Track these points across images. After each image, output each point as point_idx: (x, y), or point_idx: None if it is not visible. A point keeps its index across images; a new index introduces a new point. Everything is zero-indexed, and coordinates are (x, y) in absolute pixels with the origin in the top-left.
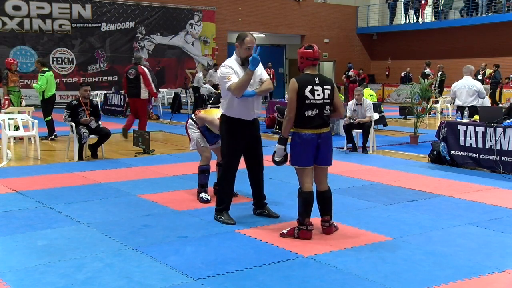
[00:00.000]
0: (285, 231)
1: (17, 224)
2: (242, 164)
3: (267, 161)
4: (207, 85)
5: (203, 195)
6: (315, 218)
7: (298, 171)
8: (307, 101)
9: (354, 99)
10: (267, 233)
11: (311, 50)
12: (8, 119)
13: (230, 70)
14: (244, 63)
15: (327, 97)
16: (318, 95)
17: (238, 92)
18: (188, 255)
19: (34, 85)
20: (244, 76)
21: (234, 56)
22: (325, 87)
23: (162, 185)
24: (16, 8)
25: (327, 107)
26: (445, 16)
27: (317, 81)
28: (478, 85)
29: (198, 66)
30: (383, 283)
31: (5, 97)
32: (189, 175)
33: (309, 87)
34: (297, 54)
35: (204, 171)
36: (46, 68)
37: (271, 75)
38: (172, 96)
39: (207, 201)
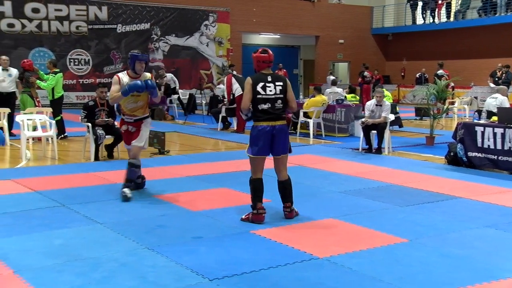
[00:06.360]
0: (243, 216)
1: (35, 223)
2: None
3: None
4: (221, 85)
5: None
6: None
7: (252, 160)
8: (259, 96)
9: (374, 99)
10: (282, 234)
11: (266, 55)
12: (27, 119)
13: None
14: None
15: (279, 92)
16: (270, 90)
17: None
18: (202, 256)
19: (42, 84)
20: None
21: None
22: (277, 83)
23: (177, 185)
24: (35, 10)
25: (279, 101)
26: (462, 16)
27: (269, 79)
28: None
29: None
30: (398, 285)
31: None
32: (204, 176)
33: (261, 84)
34: (253, 58)
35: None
36: (58, 70)
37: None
38: (187, 97)
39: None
